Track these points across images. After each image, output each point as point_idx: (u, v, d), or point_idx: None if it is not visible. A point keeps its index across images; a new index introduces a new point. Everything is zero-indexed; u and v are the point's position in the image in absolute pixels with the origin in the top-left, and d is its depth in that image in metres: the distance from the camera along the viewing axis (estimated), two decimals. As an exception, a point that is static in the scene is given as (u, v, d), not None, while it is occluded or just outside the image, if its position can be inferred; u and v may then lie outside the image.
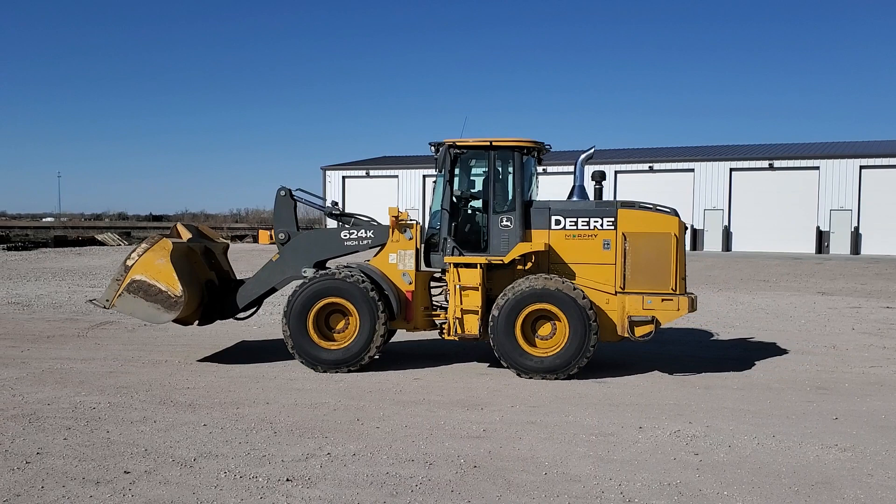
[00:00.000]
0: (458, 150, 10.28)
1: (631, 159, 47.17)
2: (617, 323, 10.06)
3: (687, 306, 9.93)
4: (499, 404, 8.36)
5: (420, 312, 10.51)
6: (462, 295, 10.10)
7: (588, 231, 10.13)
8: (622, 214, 10.07)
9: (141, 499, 5.44)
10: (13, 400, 8.28)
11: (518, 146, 10.21)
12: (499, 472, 6.10)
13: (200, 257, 11.13)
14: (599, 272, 10.11)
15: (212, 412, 7.91)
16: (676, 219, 10.09)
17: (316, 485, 5.78)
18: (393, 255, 10.51)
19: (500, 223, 10.19)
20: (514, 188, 10.25)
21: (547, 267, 10.24)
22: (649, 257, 9.97)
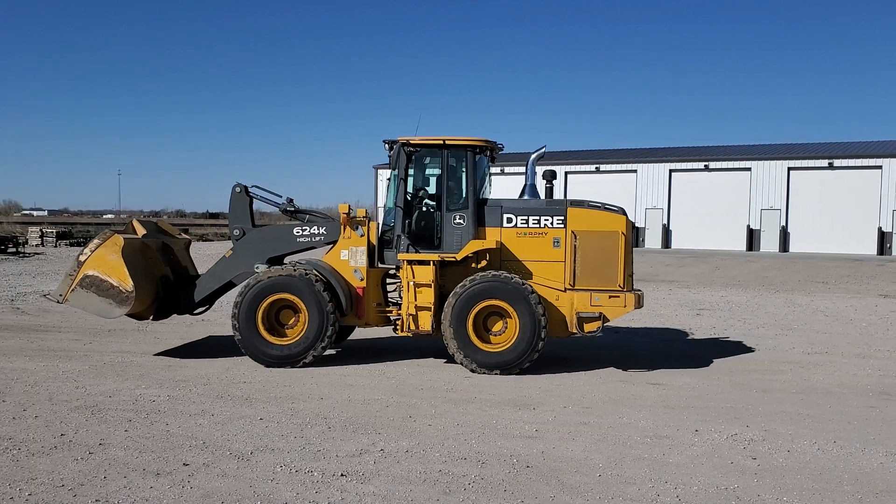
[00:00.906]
0: (411, 148, 10.38)
1: (704, 157, 46.49)
2: (567, 319, 10.24)
3: (633, 303, 10.14)
4: (551, 404, 8.32)
5: (372, 308, 10.61)
6: (415, 292, 10.22)
7: (539, 229, 10.31)
8: (571, 213, 10.27)
9: (199, 491, 5.55)
10: (76, 392, 8.52)
11: (471, 145, 10.33)
12: (552, 473, 6.07)
13: (156, 253, 11.18)
14: (550, 269, 10.30)
15: (267, 406, 8.03)
16: (624, 217, 10.30)
17: (370, 480, 5.83)
18: (345, 252, 10.63)
19: (453, 221, 10.32)
20: (467, 186, 10.37)
21: (499, 264, 10.37)
22: (597, 255, 10.17)
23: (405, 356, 11.03)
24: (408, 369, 10.09)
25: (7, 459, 6.10)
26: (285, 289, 10.14)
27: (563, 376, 9.80)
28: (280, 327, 10.37)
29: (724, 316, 16.31)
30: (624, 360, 11.03)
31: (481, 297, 9.88)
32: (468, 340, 9.93)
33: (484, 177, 10.81)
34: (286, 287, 10.14)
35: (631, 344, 12.57)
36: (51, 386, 8.74)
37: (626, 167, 46.97)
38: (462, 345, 9.94)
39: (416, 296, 10.22)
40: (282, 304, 10.31)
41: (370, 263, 10.59)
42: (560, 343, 12.55)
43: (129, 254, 10.30)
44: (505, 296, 9.83)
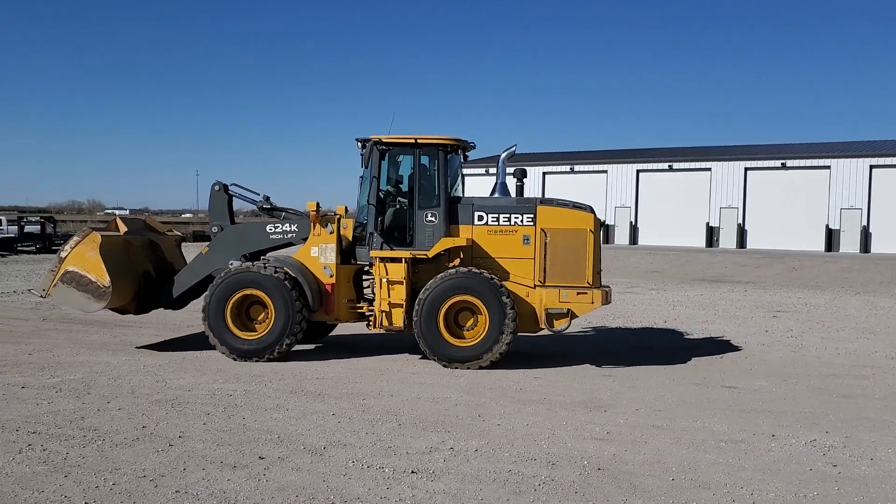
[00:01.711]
0: (384, 146, 10.53)
1: (759, 155, 45.24)
2: (536, 315, 10.35)
3: (601, 299, 10.27)
4: (623, 407, 8.22)
5: (343, 305, 10.75)
6: (388, 288, 10.39)
7: (509, 227, 10.46)
8: (541, 211, 10.41)
9: (274, 484, 5.68)
10: (157, 385, 8.82)
11: (442, 143, 10.47)
12: (624, 476, 6.01)
13: (139, 249, 11.48)
14: (520, 266, 10.43)
15: (339, 402, 8.16)
16: (591, 215, 10.44)
17: (440, 478, 5.86)
18: (315, 249, 10.75)
19: (425, 218, 10.47)
20: (439, 184, 10.48)
21: (471, 261, 10.49)
22: (566, 252, 10.31)
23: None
24: (476, 370, 10.10)
25: (93, 450, 6.35)
26: (252, 285, 10.39)
27: (636, 379, 9.68)
28: (250, 322, 10.62)
29: (802, 318, 15.85)
30: (696, 363, 10.83)
31: (451, 293, 10.05)
32: (439, 335, 10.09)
33: (456, 175, 11.01)
34: (253, 283, 10.38)
35: (702, 346, 12.32)
36: (133, 379, 9.07)
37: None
38: (433, 340, 10.11)
39: (388, 292, 10.40)
40: (252, 300, 10.55)
41: (340, 260, 10.72)
42: (631, 346, 12.40)
43: (107, 250, 10.62)
44: (474, 291, 10.00)
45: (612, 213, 47.45)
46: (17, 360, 10.02)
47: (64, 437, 6.65)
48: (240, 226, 11.49)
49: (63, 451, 6.29)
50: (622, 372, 10.06)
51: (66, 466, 5.92)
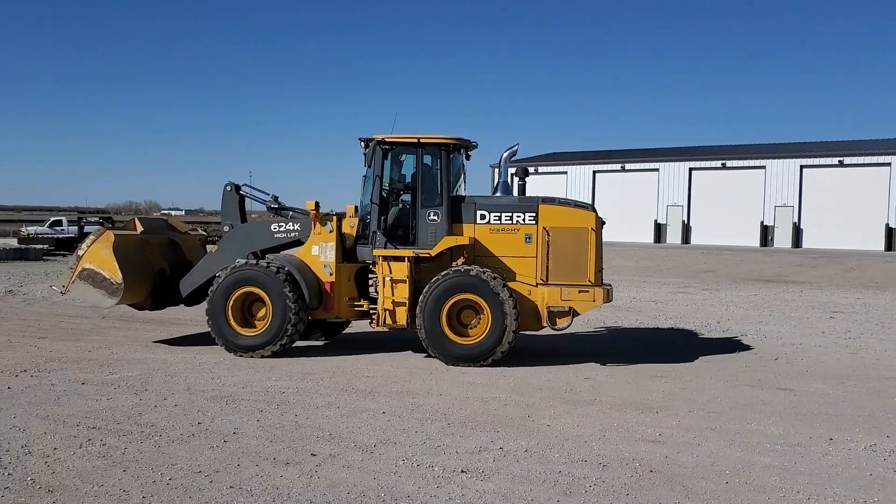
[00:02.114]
0: (387, 145, 10.63)
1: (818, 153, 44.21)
2: (539, 313, 10.42)
3: (602, 297, 10.33)
4: (675, 409, 8.12)
5: (343, 302, 10.87)
6: (392, 287, 10.51)
7: (511, 225, 10.54)
8: (543, 210, 10.50)
9: (326, 481, 5.74)
10: (212, 382, 8.98)
11: (445, 143, 10.58)
12: (676, 479, 5.93)
13: (156, 248, 11.86)
14: (522, 264, 10.50)
15: (389, 400, 8.22)
16: (593, 214, 10.55)
17: (490, 478, 5.86)
18: (315, 248, 10.91)
19: (428, 217, 10.57)
20: (441, 183, 10.58)
21: (473, 260, 10.57)
22: (568, 250, 10.38)
23: (522, 356, 11.02)
24: (525, 369, 10.08)
25: (150, 445, 6.50)
26: (251, 282, 10.62)
27: (688, 380, 9.55)
28: (252, 318, 10.86)
29: (860, 319, 15.45)
30: (749, 365, 10.64)
31: (454, 291, 10.12)
32: (441, 333, 10.17)
33: (459, 174, 11.12)
34: (252, 280, 10.61)
35: (757, 348, 12.09)
36: (189, 376, 9.25)
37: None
38: (435, 338, 10.18)
39: (392, 291, 10.52)
40: (254, 297, 10.77)
41: (342, 259, 10.87)
42: (683, 347, 12.24)
43: (120, 249, 11.03)
44: (476, 290, 10.07)
45: (663, 211, 46.76)
46: (77, 357, 10.30)
47: (122, 433, 6.82)
48: (246, 225, 11.74)
49: (121, 446, 6.45)
50: (674, 373, 9.93)
51: (125, 461, 6.07)
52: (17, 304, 15.89)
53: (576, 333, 13.23)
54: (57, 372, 9.33)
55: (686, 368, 10.28)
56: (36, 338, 11.81)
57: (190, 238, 12.74)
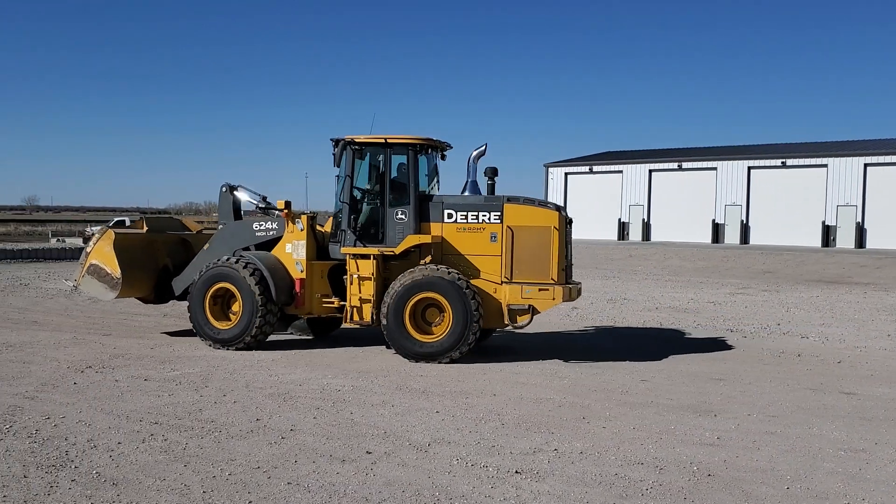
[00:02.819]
0: (356, 146, 10.83)
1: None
2: (503, 311, 10.48)
3: (562, 295, 10.34)
4: (734, 412, 7.97)
5: (315, 299, 11.15)
6: (359, 284, 10.77)
7: (477, 224, 10.65)
8: (507, 209, 10.57)
9: (381, 479, 5.79)
10: (270, 380, 9.13)
11: (412, 143, 10.78)
12: (735, 483, 5.82)
13: (161, 246, 12.63)
14: (488, 263, 10.62)
15: (443, 400, 8.24)
16: (556, 213, 10.56)
17: (544, 479, 5.84)
18: (289, 245, 11.30)
19: (396, 216, 10.78)
20: (409, 183, 10.76)
21: (441, 258, 10.70)
22: (531, 249, 10.44)
23: (578, 356, 10.95)
24: (580, 370, 10.01)
25: (210, 441, 6.64)
26: (225, 278, 11.05)
27: (747, 383, 9.36)
28: (228, 312, 11.34)
29: (930, 323, 14.94)
30: (811, 368, 10.38)
31: (417, 290, 10.30)
32: (405, 331, 10.34)
33: (432, 174, 11.37)
34: (225, 277, 11.04)
35: (819, 350, 11.79)
36: (247, 374, 9.42)
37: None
38: (399, 335, 10.37)
39: (359, 288, 10.77)
40: (230, 293, 11.17)
41: (315, 256, 11.21)
42: (742, 349, 12.01)
43: (121, 246, 11.88)
44: (438, 288, 10.22)
45: (721, 211, 45.83)
46: (140, 354, 10.58)
47: (183, 428, 6.98)
48: (233, 224, 12.17)
49: (182, 441, 6.60)
50: (733, 376, 9.75)
51: (186, 456, 6.21)
52: (82, 301, 16.38)
53: (627, 333, 13.09)
54: (121, 368, 9.59)
55: (745, 371, 10.08)
56: (101, 335, 12.16)
57: (202, 236, 13.33)
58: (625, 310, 16.56)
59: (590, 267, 29.24)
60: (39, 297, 17.16)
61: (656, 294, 20.06)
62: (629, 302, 18.08)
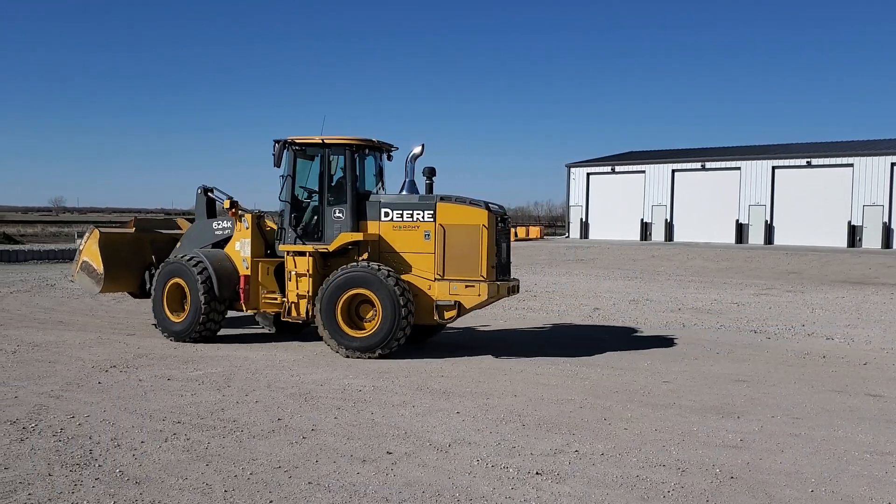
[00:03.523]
0: (296, 146, 11.21)
1: None
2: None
3: (487, 292, 10.48)
4: (758, 413, 7.89)
5: (259, 295, 11.52)
6: (297, 281, 11.09)
7: (412, 223, 10.89)
8: (440, 207, 10.76)
9: (402, 479, 5.79)
10: (291, 380, 9.17)
11: (349, 143, 11.05)
12: (759, 486, 5.76)
13: (148, 245, 13.39)
14: (422, 260, 10.82)
15: (463, 401, 8.23)
16: (485, 211, 10.65)
17: (565, 481, 5.81)
18: (238, 243, 11.78)
19: (333, 215, 11.08)
20: (346, 182, 11.04)
21: (378, 255, 10.97)
22: (461, 247, 10.62)
23: (599, 358, 10.90)
24: (601, 371, 9.96)
25: (232, 440, 6.68)
26: (177, 274, 11.72)
27: (771, 385, 9.27)
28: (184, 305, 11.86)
29: (959, 324, 14.70)
30: (836, 369, 10.26)
31: (348, 287, 10.55)
32: (337, 326, 10.58)
33: (373, 173, 11.68)
34: (177, 273, 11.71)
35: (844, 352, 11.65)
36: (269, 374, 9.47)
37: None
38: (332, 330, 10.61)
39: (296, 284, 11.09)
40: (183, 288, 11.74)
41: (258, 253, 11.61)
42: (765, 351, 11.90)
43: (105, 244, 12.86)
44: (368, 285, 10.46)
45: (745, 211, 45.48)
46: (163, 354, 10.67)
47: (205, 428, 7.03)
48: (199, 223, 12.78)
49: (205, 440, 6.65)
50: (756, 377, 9.66)
51: (208, 455, 6.25)
52: (107, 301, 16.56)
53: (649, 334, 13.01)
54: (144, 368, 9.68)
55: (769, 373, 9.98)
56: (125, 335, 12.28)
57: None
58: (647, 311, 16.46)
59: (612, 267, 29.10)
60: (65, 298, 17.38)
61: (679, 295, 19.92)
62: (652, 303, 17.97)
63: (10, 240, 38.13)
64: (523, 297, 18.80)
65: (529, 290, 20.71)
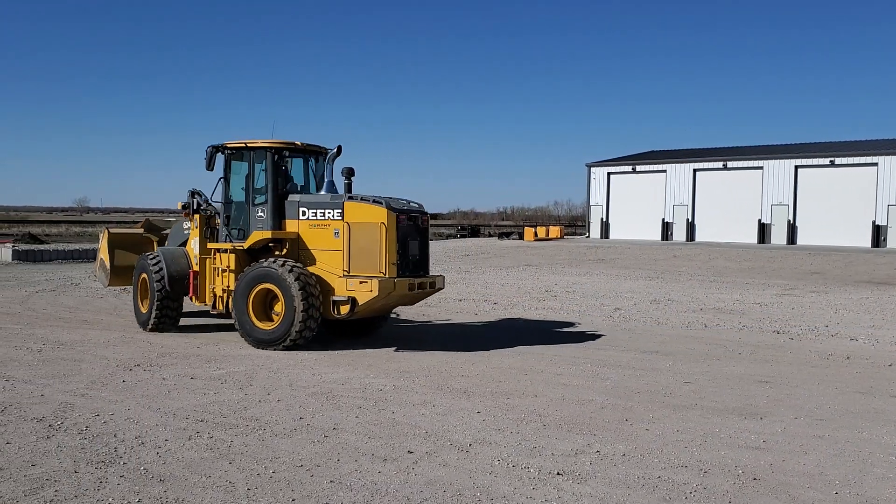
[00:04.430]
0: (227, 150, 12.08)
1: None
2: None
3: (378, 288, 10.74)
4: (781, 415, 7.83)
5: (207, 290, 12.33)
6: (221, 276, 11.96)
7: (325, 221, 11.43)
8: (347, 206, 11.27)
9: (423, 478, 5.81)
10: (313, 379, 9.22)
11: (269, 147, 11.75)
12: (781, 487, 5.72)
13: (155, 244, 14.52)
14: (333, 257, 11.32)
15: (484, 400, 8.24)
16: (384, 209, 11.04)
17: (586, 481, 5.80)
18: (193, 241, 12.74)
19: (256, 214, 11.75)
20: (267, 184, 11.71)
21: (297, 253, 11.59)
22: (365, 244, 11.09)
23: (620, 359, 10.86)
24: (622, 371, 9.93)
25: (254, 439, 6.73)
26: (143, 270, 12.93)
27: (794, 386, 9.20)
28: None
29: None
30: (860, 371, 10.15)
31: (257, 282, 11.17)
32: (247, 319, 11.26)
33: (318, 176, 12.39)
34: (143, 269, 12.93)
35: (868, 353, 11.52)
36: (291, 373, 9.53)
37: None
38: (242, 322, 11.31)
39: (221, 280, 11.97)
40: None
41: (203, 251, 12.38)
42: (788, 352, 11.80)
43: (114, 242, 14.44)
44: (273, 280, 11.01)
45: (767, 211, 44.99)
46: (186, 353, 10.76)
47: (228, 426, 7.09)
48: (177, 224, 13.98)
49: (228, 439, 6.70)
50: (779, 378, 9.58)
51: (231, 454, 6.30)
52: (130, 301, 16.68)
53: (670, 334, 12.94)
54: (168, 367, 9.77)
55: (792, 374, 9.90)
56: (148, 334, 12.41)
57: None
58: (669, 311, 16.38)
59: (633, 267, 28.96)
60: (90, 297, 17.57)
61: (701, 295, 19.79)
62: (673, 303, 17.87)
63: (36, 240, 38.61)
64: (543, 297, 18.78)
65: (549, 290, 20.67)
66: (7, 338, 11.70)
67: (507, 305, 17.04)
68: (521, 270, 27.58)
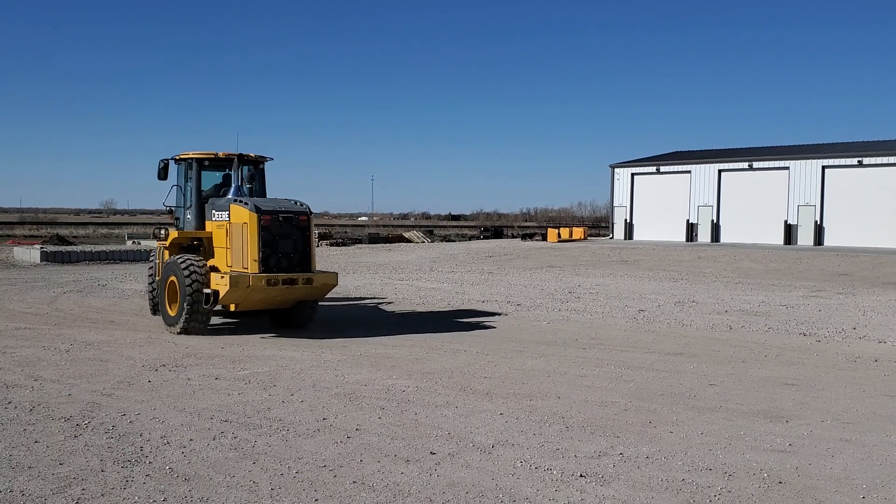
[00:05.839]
0: (177, 161, 13.86)
1: None
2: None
3: (229, 283, 11.77)
4: (807, 418, 7.74)
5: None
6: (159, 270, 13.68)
7: (223, 222, 12.79)
8: (231, 208, 12.56)
9: (445, 479, 5.81)
10: (336, 380, 9.26)
11: (192, 158, 13.51)
12: (808, 491, 5.66)
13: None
14: (224, 255, 12.74)
15: (507, 402, 8.23)
16: (247, 210, 12.15)
17: (609, 484, 5.78)
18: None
19: (186, 216, 13.73)
20: (193, 190, 13.51)
21: (212, 250, 13.16)
22: (238, 242, 12.31)
23: (644, 361, 10.80)
24: (646, 373, 9.87)
25: (278, 439, 6.77)
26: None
27: (821, 388, 9.09)
28: None
29: None
30: (890, 374, 10.02)
31: (167, 274, 12.80)
32: (164, 305, 12.95)
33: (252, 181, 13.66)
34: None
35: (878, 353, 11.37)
36: (314, 374, 9.58)
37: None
38: (161, 308, 13.11)
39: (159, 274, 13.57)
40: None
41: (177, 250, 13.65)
42: (813, 354, 11.67)
43: None
44: (173, 273, 12.50)
45: (794, 211, 44.48)
46: (211, 354, 10.85)
47: (252, 426, 7.14)
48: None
49: (251, 439, 6.75)
50: (805, 381, 9.48)
51: (254, 454, 6.34)
52: (156, 302, 16.87)
53: (694, 336, 12.84)
54: (193, 367, 9.86)
55: (818, 376, 9.79)
56: (173, 335, 12.52)
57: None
58: (693, 313, 16.26)
59: (657, 269, 28.79)
60: (116, 298, 17.77)
61: (726, 297, 19.62)
62: (697, 305, 17.74)
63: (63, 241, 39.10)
64: (566, 298, 18.72)
65: (573, 291, 20.59)
66: (35, 338, 11.87)
67: (530, 307, 17.00)
68: (544, 272, 27.50)
